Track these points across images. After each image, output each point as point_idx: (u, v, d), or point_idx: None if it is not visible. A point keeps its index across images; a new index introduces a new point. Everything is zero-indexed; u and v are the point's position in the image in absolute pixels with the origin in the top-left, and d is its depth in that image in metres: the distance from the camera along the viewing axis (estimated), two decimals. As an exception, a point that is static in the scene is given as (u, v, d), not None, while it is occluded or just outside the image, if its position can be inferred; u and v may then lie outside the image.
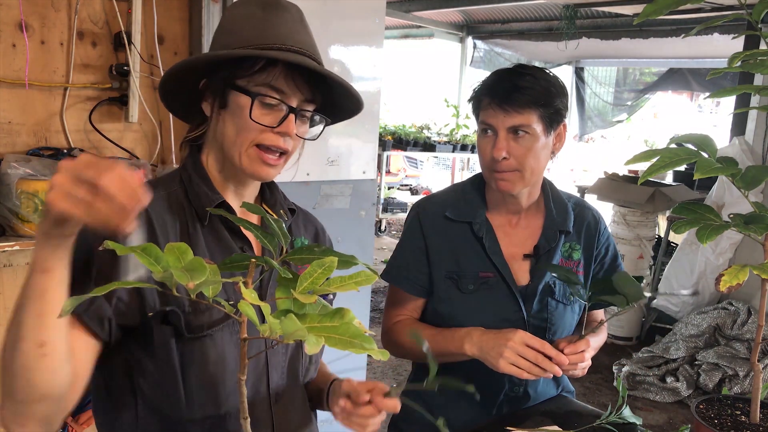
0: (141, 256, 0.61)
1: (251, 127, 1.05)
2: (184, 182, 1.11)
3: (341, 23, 2.41)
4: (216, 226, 1.10)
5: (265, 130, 1.05)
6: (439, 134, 7.64)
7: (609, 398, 3.70)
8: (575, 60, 8.32)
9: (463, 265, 1.47)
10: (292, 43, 1.06)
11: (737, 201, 4.00)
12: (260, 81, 1.04)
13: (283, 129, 1.05)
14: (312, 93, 1.08)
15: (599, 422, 1.37)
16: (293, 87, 1.05)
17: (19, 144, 2.07)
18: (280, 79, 1.04)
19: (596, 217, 1.57)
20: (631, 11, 5.33)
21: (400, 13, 7.20)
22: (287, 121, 1.05)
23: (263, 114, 1.05)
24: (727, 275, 0.93)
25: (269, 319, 0.55)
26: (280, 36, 1.06)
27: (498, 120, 1.38)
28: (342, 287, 0.62)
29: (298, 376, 1.18)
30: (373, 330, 4.16)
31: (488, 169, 1.43)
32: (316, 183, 2.45)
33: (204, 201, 1.09)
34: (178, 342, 1.01)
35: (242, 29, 1.07)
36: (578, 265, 1.51)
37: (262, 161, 1.07)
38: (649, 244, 4.58)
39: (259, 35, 1.06)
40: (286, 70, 1.04)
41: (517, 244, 1.50)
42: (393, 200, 8.30)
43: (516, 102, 1.36)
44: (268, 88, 1.04)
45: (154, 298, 1.01)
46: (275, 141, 1.06)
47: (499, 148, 1.38)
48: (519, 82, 1.37)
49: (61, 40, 2.11)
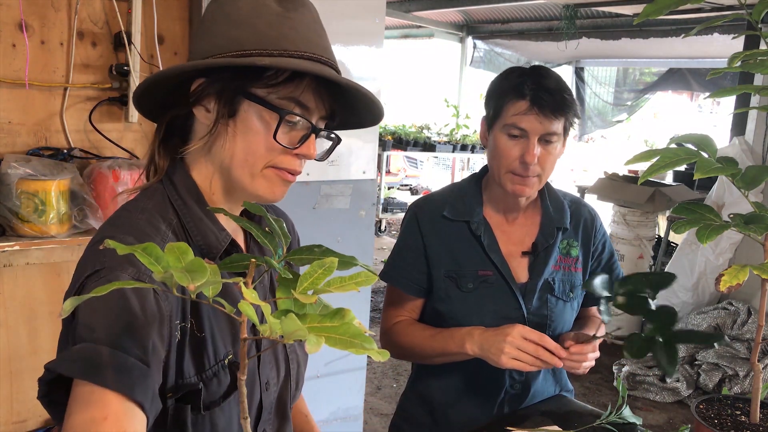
0: (141, 256, 0.61)
1: (272, 148, 0.91)
2: (177, 210, 0.95)
3: (341, 23, 2.41)
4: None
5: (285, 151, 0.92)
6: (439, 134, 7.65)
7: (609, 398, 3.70)
8: (575, 60, 8.32)
9: (462, 264, 1.47)
10: (317, 51, 0.92)
11: (737, 201, 4.00)
12: (285, 94, 0.90)
13: (303, 151, 0.93)
14: (332, 108, 0.96)
15: (599, 422, 1.37)
16: (319, 103, 0.93)
17: (19, 144, 2.07)
18: (308, 93, 0.91)
19: (592, 213, 1.58)
20: (631, 11, 5.33)
21: (400, 13, 7.20)
22: (308, 142, 0.93)
23: (283, 133, 0.91)
24: (727, 275, 0.93)
25: (269, 318, 0.55)
26: (303, 40, 0.91)
27: (534, 125, 1.35)
28: (342, 288, 0.62)
29: (287, 410, 1.11)
30: (373, 330, 4.17)
31: (509, 172, 1.40)
32: (316, 183, 2.45)
33: (212, 241, 0.94)
34: (193, 418, 0.91)
35: (256, 23, 0.90)
36: (576, 261, 1.52)
37: (281, 180, 0.94)
38: (649, 244, 4.58)
39: (279, 36, 0.90)
40: (315, 83, 0.91)
41: (515, 241, 1.50)
42: (393, 200, 8.31)
43: (554, 109, 1.35)
44: (295, 104, 0.91)
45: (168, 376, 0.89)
46: (291, 164, 0.93)
47: (533, 154, 1.36)
48: (551, 86, 1.36)
49: (61, 40, 2.11)
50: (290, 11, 0.92)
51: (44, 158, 2.04)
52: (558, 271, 1.49)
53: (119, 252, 0.64)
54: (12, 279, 2.09)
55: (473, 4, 6.73)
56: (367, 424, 3.27)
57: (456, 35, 8.41)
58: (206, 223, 0.94)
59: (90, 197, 2.04)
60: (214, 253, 0.94)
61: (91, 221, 2.03)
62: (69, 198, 2.00)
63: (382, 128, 6.84)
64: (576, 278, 1.51)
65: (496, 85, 1.45)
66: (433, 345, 1.44)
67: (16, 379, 2.14)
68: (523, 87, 1.36)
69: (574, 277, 1.51)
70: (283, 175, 0.93)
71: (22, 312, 2.12)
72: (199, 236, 0.94)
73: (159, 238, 0.89)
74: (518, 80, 1.38)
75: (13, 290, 2.10)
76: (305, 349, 0.55)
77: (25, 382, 2.15)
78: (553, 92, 1.35)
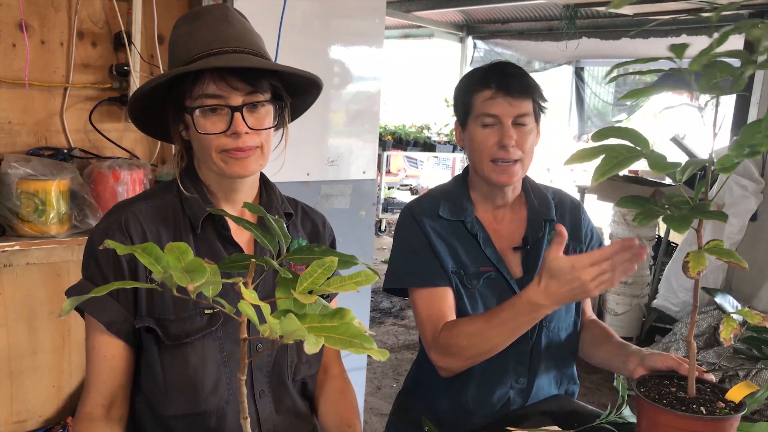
0: (141, 256, 0.61)
1: (206, 139, 1.08)
2: (180, 191, 1.15)
3: (341, 23, 2.41)
4: (208, 235, 1.14)
5: (219, 136, 1.08)
6: (439, 134, 7.65)
7: (609, 398, 3.70)
8: (575, 60, 8.31)
9: (464, 262, 1.47)
10: (215, 45, 1.07)
11: (737, 201, 4.00)
12: (196, 95, 1.07)
13: (232, 130, 1.07)
14: (256, 83, 1.08)
15: (599, 422, 1.37)
16: (227, 88, 1.06)
17: (19, 144, 2.08)
18: (211, 85, 1.06)
19: (575, 203, 1.61)
20: (632, 11, 5.33)
21: (400, 13, 7.20)
22: (234, 122, 1.07)
23: (213, 123, 1.08)
24: (691, 261, 0.99)
25: (269, 319, 0.55)
26: (200, 43, 1.08)
27: (504, 109, 1.40)
28: (342, 287, 0.62)
29: (285, 376, 1.20)
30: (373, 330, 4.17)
31: (490, 161, 1.43)
32: (316, 183, 2.45)
33: (197, 210, 1.13)
34: (159, 348, 1.11)
35: (174, 50, 1.12)
36: (567, 250, 1.51)
37: (232, 159, 1.09)
38: (649, 244, 4.58)
39: (187, 51, 1.08)
40: (215, 75, 1.06)
41: (505, 238, 1.51)
42: (393, 200, 8.31)
43: (520, 90, 1.40)
44: (204, 98, 1.06)
45: (143, 306, 1.11)
46: (234, 144, 1.08)
47: (510, 136, 1.39)
48: (514, 72, 1.42)
49: (61, 40, 2.11)
50: (193, 25, 1.11)
51: (44, 158, 2.04)
52: None
53: (119, 252, 0.64)
54: (12, 279, 2.09)
55: (473, 4, 6.72)
56: (367, 424, 3.27)
57: (456, 35, 8.41)
58: (196, 197, 1.15)
59: (90, 197, 2.04)
60: (198, 213, 1.13)
61: (91, 221, 2.03)
62: (69, 198, 2.00)
63: (382, 128, 6.85)
64: None
65: (461, 85, 1.50)
66: (495, 328, 1.31)
67: (16, 379, 2.13)
68: (487, 78, 1.43)
69: None
70: (231, 154, 1.09)
71: (22, 312, 2.12)
72: (187, 205, 1.14)
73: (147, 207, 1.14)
74: (482, 73, 1.45)
75: (13, 290, 2.10)
76: (304, 349, 0.55)
77: (25, 382, 2.15)
78: (517, 75, 1.42)
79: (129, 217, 1.11)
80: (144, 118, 1.18)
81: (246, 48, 1.09)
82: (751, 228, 4.09)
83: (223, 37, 1.08)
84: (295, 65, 1.13)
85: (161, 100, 1.13)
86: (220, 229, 1.15)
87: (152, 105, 1.14)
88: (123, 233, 1.10)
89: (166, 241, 1.10)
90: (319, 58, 2.38)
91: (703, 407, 1.06)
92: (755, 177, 4.07)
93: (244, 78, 1.07)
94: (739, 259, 0.98)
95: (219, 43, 1.07)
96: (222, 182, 1.16)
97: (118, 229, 1.10)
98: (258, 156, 1.12)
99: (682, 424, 1.03)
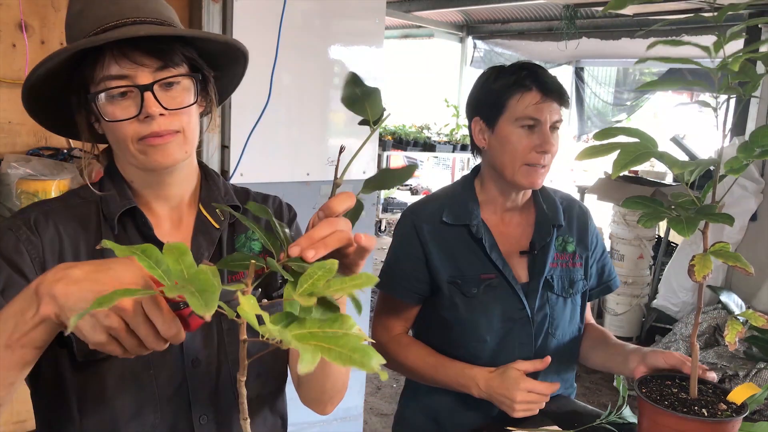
0: (141, 259, 0.60)
1: (118, 128, 0.94)
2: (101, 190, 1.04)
3: (341, 23, 2.40)
4: (129, 232, 1.03)
5: (132, 123, 0.93)
6: (439, 134, 7.63)
7: (609, 398, 3.70)
8: (575, 60, 8.31)
9: (463, 270, 1.46)
10: (111, 18, 0.93)
11: (737, 201, 4.00)
12: (98, 78, 0.93)
13: (144, 113, 0.93)
14: (165, 57, 0.94)
15: (599, 422, 1.37)
16: (132, 65, 0.92)
17: (19, 144, 2.07)
18: (113, 65, 0.92)
19: (583, 209, 1.61)
20: (632, 11, 5.32)
21: (400, 13, 7.19)
22: (145, 103, 0.92)
23: (123, 108, 0.94)
24: (697, 265, 0.98)
25: (268, 325, 0.55)
26: (95, 19, 0.94)
27: (546, 113, 1.40)
28: (342, 290, 0.62)
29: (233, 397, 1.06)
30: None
31: (523, 164, 1.42)
32: (316, 183, 2.45)
33: (112, 208, 1.02)
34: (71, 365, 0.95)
35: (69, 32, 0.98)
36: (574, 257, 1.52)
37: (150, 147, 0.95)
38: (649, 244, 4.58)
39: (80, 31, 0.95)
40: (117, 52, 0.92)
41: (512, 242, 1.50)
42: (393, 200, 8.30)
43: (560, 96, 1.42)
44: (107, 81, 0.92)
45: None
46: (149, 129, 0.94)
47: (551, 142, 1.41)
48: (550, 77, 1.44)
49: (61, 40, 2.10)
50: (86, 1, 0.96)
51: (44, 158, 2.04)
52: (555, 268, 1.49)
53: (117, 254, 0.64)
54: (12, 279, 2.08)
55: (473, 4, 6.71)
56: (367, 424, 3.27)
57: (456, 35, 8.40)
58: (113, 194, 1.03)
59: (90, 197, 2.04)
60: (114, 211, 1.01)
61: (91, 221, 2.03)
62: (69, 198, 2.00)
63: (382, 128, 6.84)
64: (574, 273, 1.51)
65: (489, 83, 1.46)
66: (436, 377, 1.45)
67: (16, 379, 2.13)
68: (525, 80, 1.41)
69: (573, 272, 1.51)
70: (148, 142, 0.95)
71: (21, 312, 2.11)
72: (104, 203, 1.02)
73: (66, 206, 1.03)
74: (516, 75, 1.42)
75: (13, 290, 2.09)
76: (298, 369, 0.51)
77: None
78: (555, 81, 1.43)
79: (39, 216, 1.00)
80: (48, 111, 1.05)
81: (147, 18, 0.95)
82: (751, 228, 4.09)
83: (118, 8, 0.94)
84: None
85: (63, 91, 0.99)
86: (142, 227, 1.02)
87: (55, 97, 1.00)
88: (32, 231, 0.98)
89: (85, 241, 1.01)
90: (319, 58, 2.37)
91: (704, 409, 1.06)
92: (755, 177, 4.07)
93: (151, 52, 0.92)
94: (745, 264, 0.97)
95: (115, 17, 0.93)
96: (147, 177, 1.03)
97: (25, 226, 0.98)
98: (180, 141, 0.97)
99: (684, 426, 1.03)
